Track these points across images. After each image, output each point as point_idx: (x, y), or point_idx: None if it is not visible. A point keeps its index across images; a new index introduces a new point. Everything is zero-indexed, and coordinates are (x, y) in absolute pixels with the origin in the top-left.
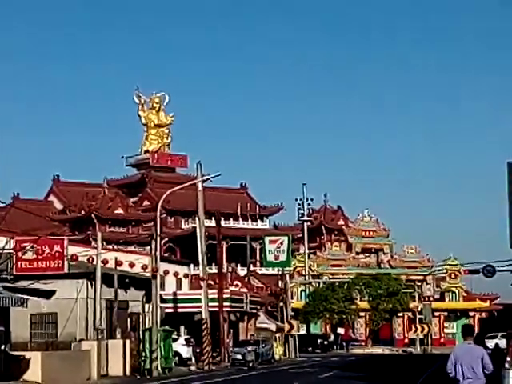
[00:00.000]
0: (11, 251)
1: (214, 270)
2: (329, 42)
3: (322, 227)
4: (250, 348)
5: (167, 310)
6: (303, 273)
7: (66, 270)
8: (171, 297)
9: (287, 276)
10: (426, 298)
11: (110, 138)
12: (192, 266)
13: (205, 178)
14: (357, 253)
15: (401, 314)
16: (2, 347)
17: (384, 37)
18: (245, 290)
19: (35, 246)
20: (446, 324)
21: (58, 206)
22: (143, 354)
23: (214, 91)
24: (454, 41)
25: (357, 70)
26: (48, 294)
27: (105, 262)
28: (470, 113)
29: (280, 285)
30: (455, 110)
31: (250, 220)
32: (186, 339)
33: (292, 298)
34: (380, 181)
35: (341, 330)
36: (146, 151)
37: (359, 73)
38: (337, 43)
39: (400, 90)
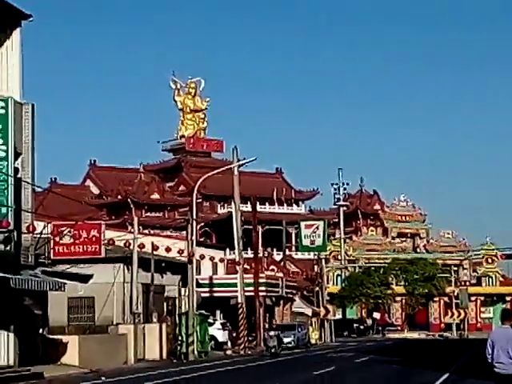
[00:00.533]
0: (49, 236)
1: (250, 254)
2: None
3: (358, 212)
4: (272, 333)
5: (203, 295)
6: (339, 257)
7: (102, 255)
8: (207, 281)
9: (323, 261)
10: (463, 283)
11: (146, 123)
12: (228, 250)
13: (240, 162)
14: (393, 237)
15: (437, 299)
16: (40, 331)
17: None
18: (280, 274)
19: (72, 230)
20: (482, 309)
21: (95, 190)
22: (179, 337)
23: (249, 76)
24: None
25: (390, 51)
26: (85, 278)
27: (141, 246)
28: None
29: (316, 269)
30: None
31: (285, 205)
32: (221, 323)
33: (328, 283)
34: (416, 165)
35: (377, 315)
36: (182, 136)
37: (393, 55)
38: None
39: (437, 73)
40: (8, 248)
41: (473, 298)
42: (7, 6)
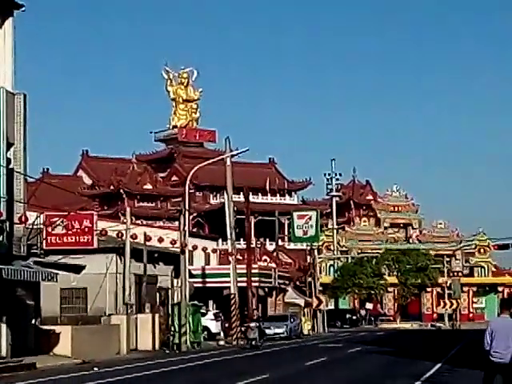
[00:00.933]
0: (41, 226)
1: (243, 245)
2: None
3: (351, 202)
4: (252, 325)
5: (196, 285)
6: (331, 248)
7: (95, 245)
8: (200, 272)
9: (315, 251)
10: (455, 273)
11: (138, 113)
12: (220, 240)
13: (233, 153)
14: (385, 228)
15: (429, 289)
16: (33, 322)
17: None
18: (273, 265)
19: (65, 220)
20: (474, 299)
21: (87, 181)
22: (172, 328)
23: (242, 66)
24: None
25: (388, 45)
26: (78, 269)
27: (134, 237)
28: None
29: (308, 260)
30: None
31: (278, 195)
32: (214, 314)
33: (320, 273)
34: (408, 156)
35: (369, 305)
36: (175, 126)
37: (388, 46)
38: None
39: (427, 60)
40: (0, 238)
41: (465, 289)
42: None
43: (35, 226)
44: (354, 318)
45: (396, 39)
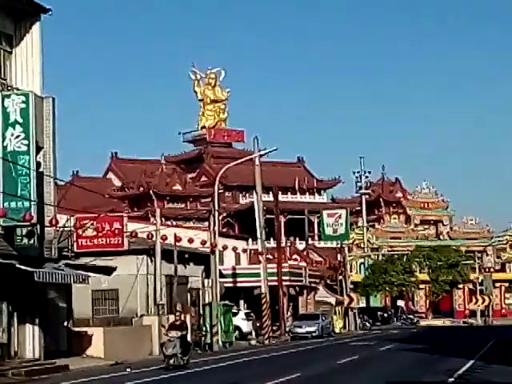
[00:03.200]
0: (72, 229)
1: (273, 244)
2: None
3: (380, 200)
4: (172, 334)
5: (227, 285)
6: (362, 246)
7: (125, 247)
8: (230, 271)
9: (346, 249)
10: (487, 269)
11: (166, 114)
12: (250, 240)
13: (262, 152)
14: (415, 225)
15: (461, 286)
16: (65, 324)
17: None
18: (303, 263)
19: (95, 223)
20: (507, 295)
21: (117, 183)
22: (203, 328)
23: (269, 65)
24: None
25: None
26: (109, 271)
27: (164, 238)
28: None
29: (339, 258)
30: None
31: (307, 194)
32: (245, 313)
33: (351, 271)
34: (437, 152)
35: (401, 303)
36: (203, 127)
37: (420, 45)
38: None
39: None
40: (31, 242)
41: (497, 284)
42: (27, 1)
43: (66, 229)
44: (386, 315)
45: (423, 35)
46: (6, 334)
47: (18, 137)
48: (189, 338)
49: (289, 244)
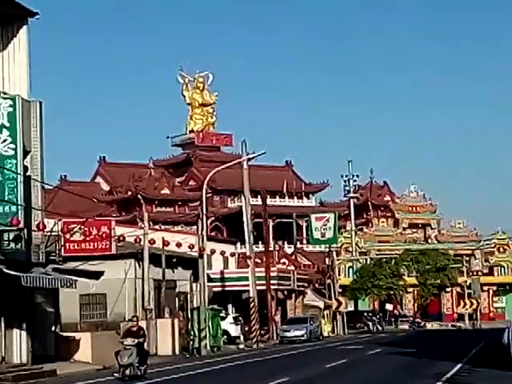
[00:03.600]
0: (59, 233)
1: (261, 248)
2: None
3: (369, 203)
4: (128, 342)
5: (215, 289)
6: (350, 249)
7: (113, 251)
8: (218, 276)
9: (334, 253)
10: (475, 273)
11: (155, 118)
12: (239, 244)
13: (250, 156)
14: (404, 228)
15: (449, 289)
16: (53, 328)
17: None
18: (292, 267)
19: (83, 227)
20: (495, 298)
21: (105, 187)
22: (192, 332)
23: (256, 69)
24: None
25: (401, 44)
26: (96, 275)
27: (152, 242)
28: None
29: (327, 262)
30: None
31: (295, 197)
32: (234, 317)
33: (339, 275)
34: (425, 156)
35: (389, 306)
36: (191, 131)
37: (405, 46)
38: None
39: (446, 58)
40: (19, 246)
41: (485, 288)
42: (14, 4)
43: (53, 233)
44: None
45: (405, 39)
46: None
47: (4, 141)
48: (146, 346)
49: (277, 248)
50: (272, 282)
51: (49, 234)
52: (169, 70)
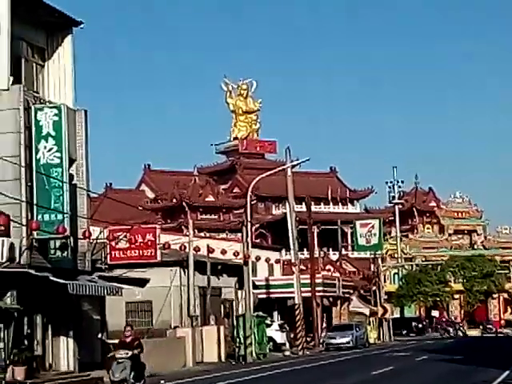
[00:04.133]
0: (105, 241)
1: (306, 254)
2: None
3: (414, 209)
4: (121, 355)
5: (260, 296)
6: (395, 256)
7: (158, 259)
8: (263, 282)
9: (379, 259)
10: None
11: (199, 126)
12: (284, 251)
13: (294, 163)
14: (449, 234)
15: (496, 296)
16: (99, 335)
17: None
18: (337, 274)
19: (128, 235)
20: None
21: (150, 194)
22: (237, 340)
23: (301, 75)
24: None
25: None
26: (142, 283)
27: (197, 249)
28: None
29: (372, 268)
30: None
31: (340, 204)
32: (279, 325)
33: (385, 282)
34: (471, 161)
35: (435, 313)
36: (235, 138)
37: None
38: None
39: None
40: (65, 254)
41: None
42: (59, 14)
43: (99, 241)
44: (420, 326)
45: (462, 41)
46: (41, 347)
47: (50, 149)
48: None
49: (322, 254)
50: (317, 288)
51: (94, 241)
52: (213, 78)
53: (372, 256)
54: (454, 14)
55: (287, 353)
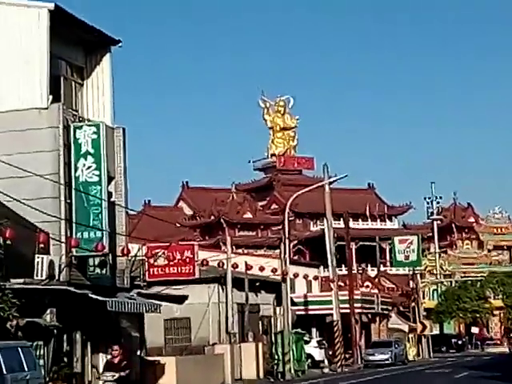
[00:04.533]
0: (143, 258)
1: (344, 271)
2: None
3: (453, 225)
4: (107, 377)
5: (298, 313)
6: (434, 272)
7: (197, 276)
8: (302, 299)
9: (418, 276)
10: None
11: (237, 142)
12: (322, 267)
13: (332, 179)
14: (489, 250)
15: None
16: (138, 353)
17: None
18: (375, 290)
19: (166, 252)
20: None
21: (188, 211)
22: (276, 356)
23: (338, 92)
24: None
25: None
26: (180, 300)
27: (235, 266)
28: None
29: (411, 285)
30: None
31: (378, 220)
32: (317, 341)
33: (424, 298)
34: (510, 176)
35: (475, 330)
36: (273, 154)
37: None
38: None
39: None
40: (104, 271)
41: None
42: (98, 33)
43: (137, 258)
44: (460, 342)
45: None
46: (80, 363)
47: (89, 167)
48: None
49: (360, 271)
50: (356, 305)
51: (133, 259)
52: (250, 95)
53: (411, 272)
54: None
55: (326, 370)
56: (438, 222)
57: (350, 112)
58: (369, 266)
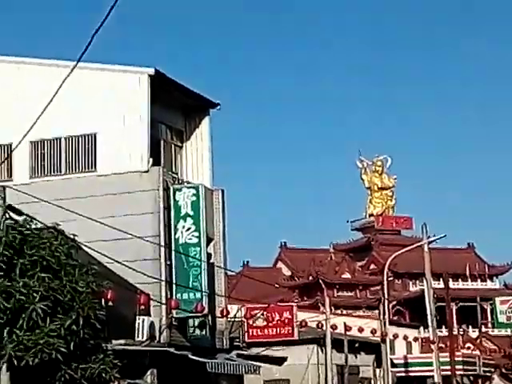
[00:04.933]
0: (242, 319)
1: (445, 332)
2: None
3: None
4: None
5: (398, 374)
6: None
7: (296, 337)
8: (402, 361)
9: None
10: None
11: (334, 203)
12: (422, 328)
13: (430, 239)
14: None
15: None
16: None
17: None
18: (477, 352)
19: (265, 313)
20: None
21: (286, 272)
22: None
23: (434, 151)
24: None
25: None
26: (280, 361)
27: (334, 327)
28: None
29: None
30: None
31: (479, 280)
32: None
33: None
34: None
35: None
36: (371, 215)
37: None
38: None
39: None
40: (203, 332)
41: None
42: (197, 97)
43: (237, 319)
44: None
45: None
46: None
47: (189, 229)
48: None
49: (461, 332)
50: (457, 367)
51: (232, 320)
52: (348, 155)
53: None
54: None
55: None
56: None
57: (447, 171)
58: (470, 327)
